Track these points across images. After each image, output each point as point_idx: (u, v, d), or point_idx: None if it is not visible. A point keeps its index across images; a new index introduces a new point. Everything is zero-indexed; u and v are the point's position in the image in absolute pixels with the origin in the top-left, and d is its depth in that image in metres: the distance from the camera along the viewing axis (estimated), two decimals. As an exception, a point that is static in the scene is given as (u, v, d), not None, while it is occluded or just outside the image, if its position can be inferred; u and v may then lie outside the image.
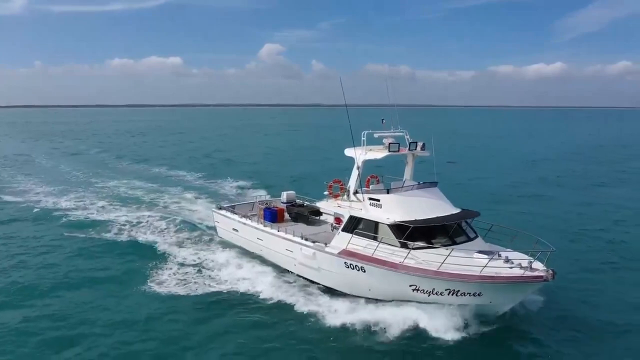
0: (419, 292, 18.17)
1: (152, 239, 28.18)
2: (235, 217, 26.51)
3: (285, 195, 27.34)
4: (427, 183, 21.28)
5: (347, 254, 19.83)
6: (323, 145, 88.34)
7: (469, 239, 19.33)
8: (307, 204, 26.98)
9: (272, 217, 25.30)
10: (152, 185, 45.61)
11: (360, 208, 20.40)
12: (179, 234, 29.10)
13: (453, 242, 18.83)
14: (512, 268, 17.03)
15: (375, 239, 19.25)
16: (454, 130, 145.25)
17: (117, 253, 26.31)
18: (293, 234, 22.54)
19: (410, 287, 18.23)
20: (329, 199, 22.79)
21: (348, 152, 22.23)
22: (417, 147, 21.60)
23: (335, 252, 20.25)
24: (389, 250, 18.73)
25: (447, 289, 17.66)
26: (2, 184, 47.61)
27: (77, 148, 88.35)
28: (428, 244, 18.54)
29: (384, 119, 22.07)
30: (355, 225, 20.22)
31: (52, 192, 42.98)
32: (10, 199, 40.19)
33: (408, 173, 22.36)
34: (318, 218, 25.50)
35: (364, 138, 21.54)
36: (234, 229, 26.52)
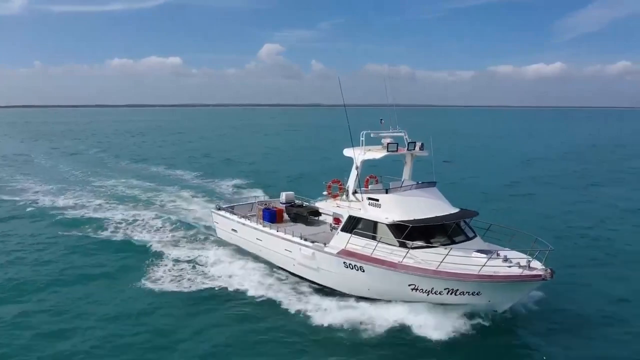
0: (418, 291, 18.18)
1: (147, 237, 28.47)
2: (234, 217, 26.52)
3: (284, 196, 27.35)
4: (425, 183, 21.28)
5: (346, 254, 19.84)
6: (322, 145, 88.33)
7: (468, 239, 19.36)
8: (306, 205, 26.99)
9: (271, 217, 25.32)
10: (149, 185, 45.79)
11: (359, 208, 20.41)
12: (175, 233, 29.35)
13: (452, 241, 18.85)
14: (510, 267, 17.05)
15: (374, 239, 19.26)
16: (454, 130, 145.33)
17: (112, 250, 26.69)
18: (292, 234, 22.55)
19: (409, 286, 18.25)
20: (328, 199, 22.82)
21: (347, 152, 22.26)
22: (415, 147, 21.61)
23: (334, 252, 20.26)
24: (388, 250, 18.74)
25: (445, 288, 17.68)
26: (0, 183, 47.76)
27: (76, 148, 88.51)
28: (427, 244, 18.56)
29: (383, 119, 22.09)
30: (354, 225, 20.23)
31: (50, 190, 43.21)
32: (8, 198, 40.43)
33: (407, 173, 22.36)
34: (317, 218, 25.50)
35: (363, 138, 21.57)
36: (233, 230, 26.54)
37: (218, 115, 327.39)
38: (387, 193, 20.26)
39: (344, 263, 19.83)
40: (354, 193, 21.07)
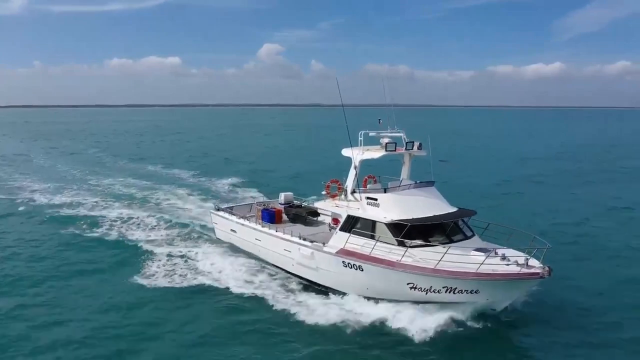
0: (417, 290, 18.23)
1: (142, 235, 28.85)
2: (233, 218, 26.57)
3: (283, 197, 27.36)
4: (424, 182, 21.32)
5: (344, 253, 19.89)
6: (322, 145, 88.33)
7: (466, 237, 19.43)
8: (304, 205, 27.03)
9: (270, 218, 25.38)
10: (146, 183, 45.99)
11: (358, 207, 20.46)
12: (169, 231, 29.65)
13: (450, 240, 18.93)
14: (508, 265, 17.11)
15: (373, 238, 19.32)
16: (454, 130, 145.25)
17: (107, 247, 27.10)
18: (291, 234, 22.62)
19: (408, 285, 18.30)
20: (327, 199, 22.87)
21: (345, 152, 22.33)
22: (413, 146, 21.65)
23: (333, 251, 20.31)
24: (387, 249, 18.80)
25: (444, 287, 17.73)
26: (-1, 182, 47.92)
27: (75, 147, 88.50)
28: (425, 242, 18.62)
29: (381, 119, 22.14)
30: (353, 225, 20.28)
31: (47, 189, 43.48)
32: (5, 196, 40.69)
33: (405, 173, 22.41)
34: (316, 219, 25.54)
35: (361, 138, 21.65)
36: (232, 230, 26.59)
37: (218, 115, 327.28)
38: (385, 192, 20.32)
39: (343, 262, 19.88)
40: (353, 193, 21.11)
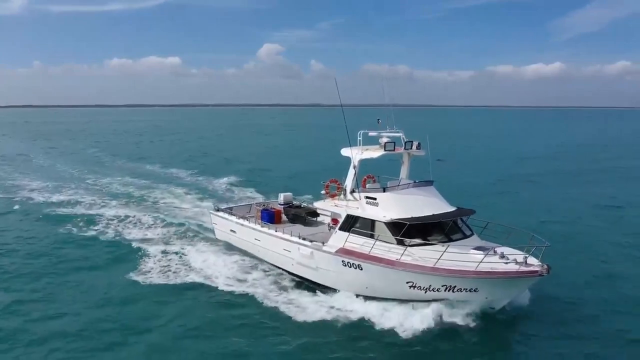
0: (416, 288, 18.28)
1: (138, 233, 29.22)
2: (233, 218, 26.62)
3: (283, 197, 27.41)
4: (423, 182, 21.38)
5: (344, 252, 19.94)
6: (321, 145, 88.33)
7: (465, 236, 19.50)
8: (304, 205, 27.09)
9: (269, 218, 25.43)
10: (144, 182, 46.25)
11: (357, 207, 20.51)
12: (165, 229, 29.93)
13: (449, 239, 19.00)
14: (507, 264, 17.18)
15: (372, 237, 19.38)
16: (454, 130, 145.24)
17: (103, 245, 27.49)
18: (290, 234, 22.67)
19: (407, 283, 18.35)
20: (326, 199, 22.92)
21: (344, 151, 22.39)
22: (412, 146, 21.71)
23: (333, 250, 20.36)
24: (386, 248, 18.86)
25: (443, 285, 17.80)
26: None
27: (74, 147, 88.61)
28: (424, 241, 18.67)
29: (380, 119, 22.19)
30: (352, 224, 20.34)
31: (45, 188, 43.79)
32: (4, 195, 40.92)
33: (404, 172, 22.47)
34: (315, 219, 25.60)
35: (360, 138, 21.73)
36: (232, 230, 26.65)
37: (217, 115, 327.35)
38: (384, 192, 20.38)
39: (342, 261, 19.93)
40: (352, 192, 21.19)
